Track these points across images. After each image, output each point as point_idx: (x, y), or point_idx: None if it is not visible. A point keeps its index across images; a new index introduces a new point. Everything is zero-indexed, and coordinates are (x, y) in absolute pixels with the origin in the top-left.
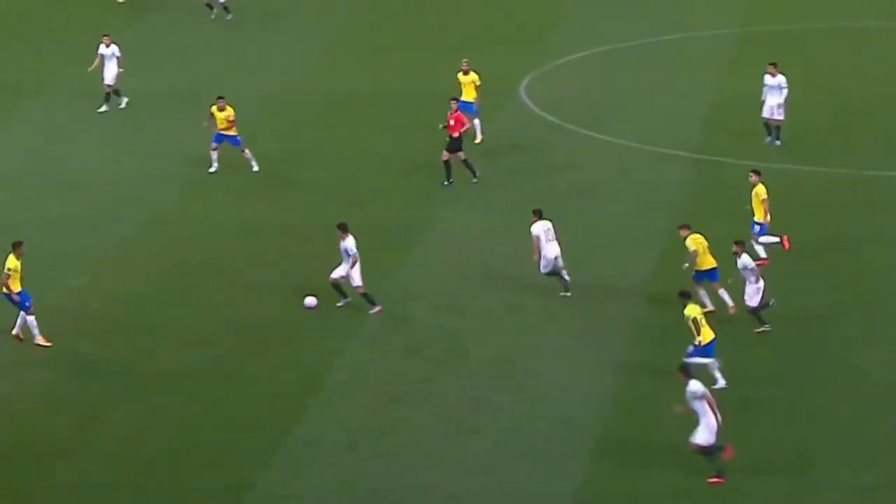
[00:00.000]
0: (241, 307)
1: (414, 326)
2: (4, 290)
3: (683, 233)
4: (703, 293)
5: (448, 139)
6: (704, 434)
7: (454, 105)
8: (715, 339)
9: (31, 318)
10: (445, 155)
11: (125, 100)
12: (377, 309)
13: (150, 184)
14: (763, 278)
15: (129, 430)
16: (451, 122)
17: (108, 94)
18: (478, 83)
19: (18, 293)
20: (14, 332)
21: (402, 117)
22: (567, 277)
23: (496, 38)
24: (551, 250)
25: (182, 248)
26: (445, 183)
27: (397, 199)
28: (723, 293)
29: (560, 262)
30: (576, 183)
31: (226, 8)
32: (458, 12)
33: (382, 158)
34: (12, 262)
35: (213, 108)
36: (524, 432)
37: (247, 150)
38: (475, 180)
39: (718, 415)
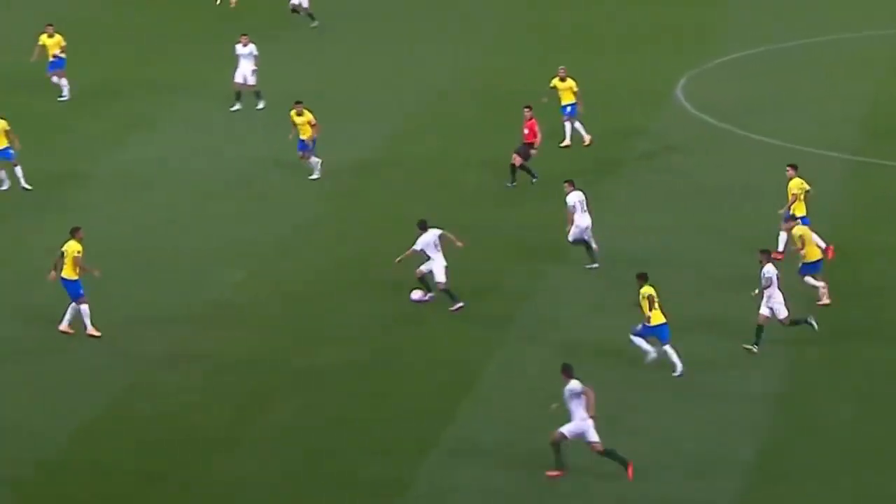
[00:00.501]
0: (397, 304)
1: (568, 326)
2: (77, 274)
3: (789, 224)
4: (820, 284)
5: (522, 143)
6: (570, 427)
7: (527, 113)
8: (666, 324)
9: (84, 307)
10: (517, 160)
11: (238, 106)
12: (459, 305)
13: (307, 182)
14: (782, 291)
15: (287, 424)
16: (526, 131)
17: (257, 93)
18: (575, 89)
19: (76, 281)
20: (62, 326)
21: (557, 119)
22: (595, 247)
23: (652, 38)
24: (584, 220)
25: (339, 245)
26: (532, 181)
27: (550, 200)
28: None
29: (590, 233)
30: (728, 183)
31: (311, 15)
32: (613, 12)
33: (535, 160)
34: (78, 246)
35: (293, 113)
36: (684, 435)
37: (314, 158)
38: (511, 185)
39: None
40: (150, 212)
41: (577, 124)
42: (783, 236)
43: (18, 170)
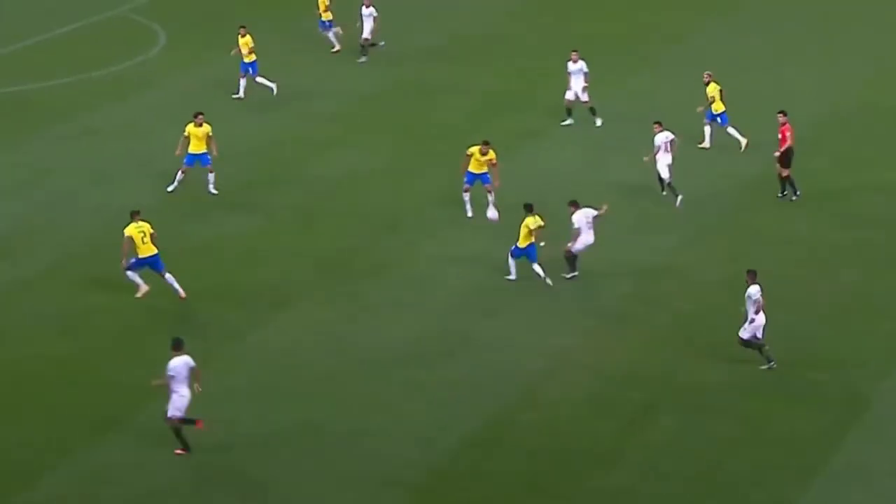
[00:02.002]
0: (784, 324)
1: None
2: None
3: None
4: None
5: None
6: (174, 407)
7: (781, 119)
8: (534, 244)
9: (131, 273)
10: (783, 171)
11: (570, 121)
12: (573, 275)
13: (688, 195)
14: (765, 312)
15: (668, 440)
16: (779, 137)
17: (592, 109)
18: (712, 94)
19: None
20: (181, 295)
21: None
22: (672, 189)
23: None
24: (665, 160)
25: (728, 261)
26: (778, 195)
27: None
28: None
29: (670, 172)
30: None
31: (363, 49)
32: None
33: None
34: (147, 227)
35: (475, 150)
36: None
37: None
38: (795, 197)
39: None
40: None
41: (731, 129)
42: None
43: (211, 176)
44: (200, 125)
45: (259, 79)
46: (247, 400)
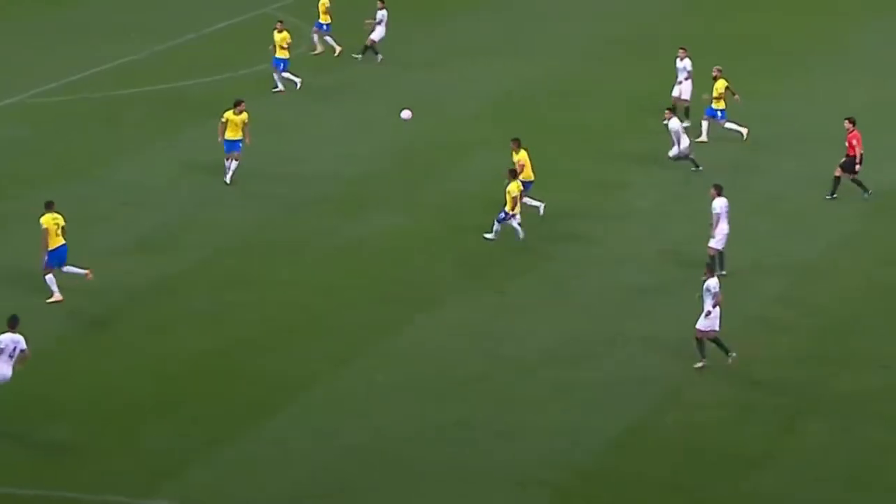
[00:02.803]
0: None
1: None
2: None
3: None
4: None
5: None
6: None
7: (847, 126)
8: (520, 213)
9: (50, 278)
10: (838, 171)
11: (685, 123)
12: (720, 274)
13: (845, 201)
14: (721, 307)
15: (819, 445)
16: (848, 143)
17: (683, 108)
18: (720, 91)
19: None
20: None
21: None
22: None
23: None
24: (685, 142)
25: (878, 264)
26: (827, 197)
27: None
28: None
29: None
30: None
31: (368, 49)
32: None
33: None
34: (61, 218)
35: (511, 153)
36: None
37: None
38: (867, 195)
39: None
40: (694, 222)
41: (729, 124)
42: None
43: (234, 164)
44: (240, 113)
45: (286, 74)
46: (393, 398)
